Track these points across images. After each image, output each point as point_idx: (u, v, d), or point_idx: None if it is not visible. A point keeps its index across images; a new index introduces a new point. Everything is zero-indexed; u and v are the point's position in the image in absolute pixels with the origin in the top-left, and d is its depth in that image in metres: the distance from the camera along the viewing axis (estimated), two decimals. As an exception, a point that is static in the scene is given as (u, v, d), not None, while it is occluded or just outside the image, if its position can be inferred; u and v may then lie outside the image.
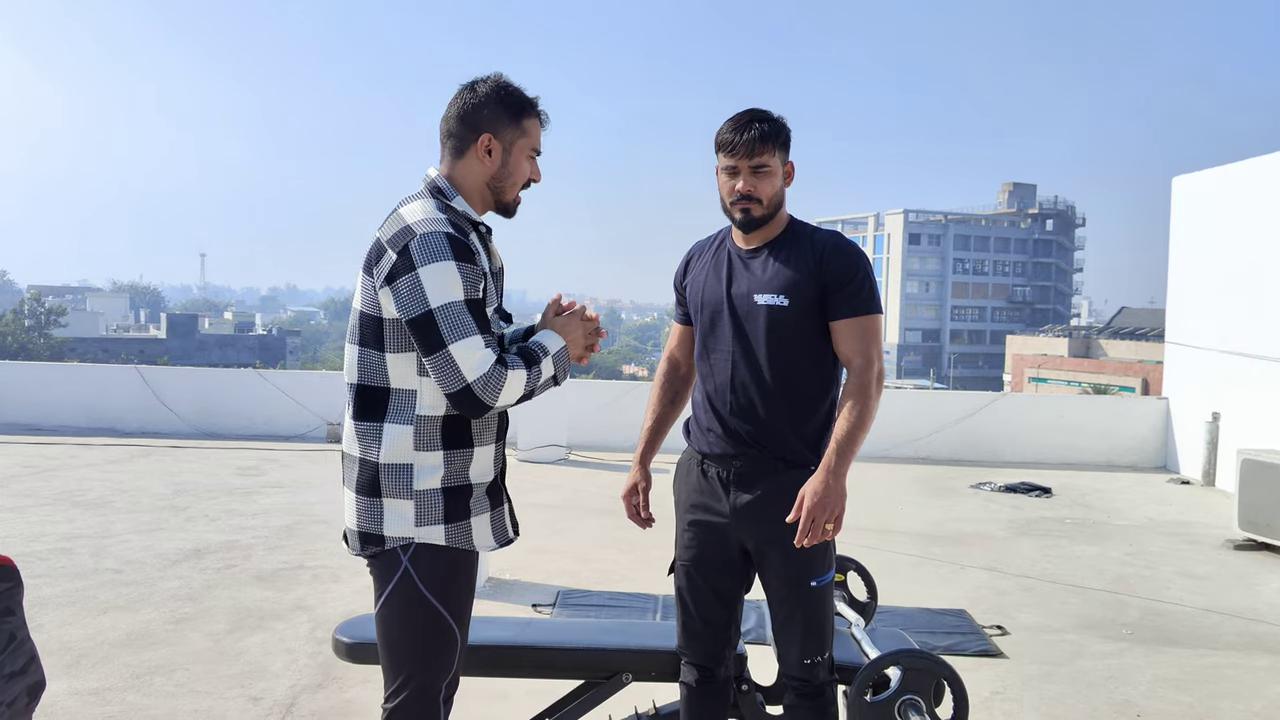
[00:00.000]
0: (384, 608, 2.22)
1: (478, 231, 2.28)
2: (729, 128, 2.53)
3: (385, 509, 2.20)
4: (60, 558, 5.72)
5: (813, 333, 2.54)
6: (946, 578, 5.94)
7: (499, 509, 2.32)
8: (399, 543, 2.19)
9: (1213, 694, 4.17)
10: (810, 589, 2.51)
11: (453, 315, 2.09)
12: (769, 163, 2.51)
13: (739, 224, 2.57)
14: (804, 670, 2.55)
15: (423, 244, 2.11)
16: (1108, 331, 53.39)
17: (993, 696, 4.04)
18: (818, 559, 2.51)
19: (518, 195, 2.34)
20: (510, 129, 2.27)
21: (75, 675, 3.93)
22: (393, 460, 2.19)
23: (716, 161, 2.58)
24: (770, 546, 2.52)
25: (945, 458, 10.88)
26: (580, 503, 7.94)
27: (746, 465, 2.55)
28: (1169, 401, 11.00)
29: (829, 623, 2.57)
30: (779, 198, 2.56)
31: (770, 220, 2.57)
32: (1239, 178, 9.95)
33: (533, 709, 3.03)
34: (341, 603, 4.99)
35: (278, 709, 3.70)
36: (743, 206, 2.52)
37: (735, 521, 2.56)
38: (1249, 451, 7.04)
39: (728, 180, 2.54)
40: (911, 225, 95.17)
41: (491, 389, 2.11)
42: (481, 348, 2.10)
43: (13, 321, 56.91)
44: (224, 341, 74.77)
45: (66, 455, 9.53)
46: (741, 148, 2.49)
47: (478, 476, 2.26)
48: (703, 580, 2.63)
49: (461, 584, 2.26)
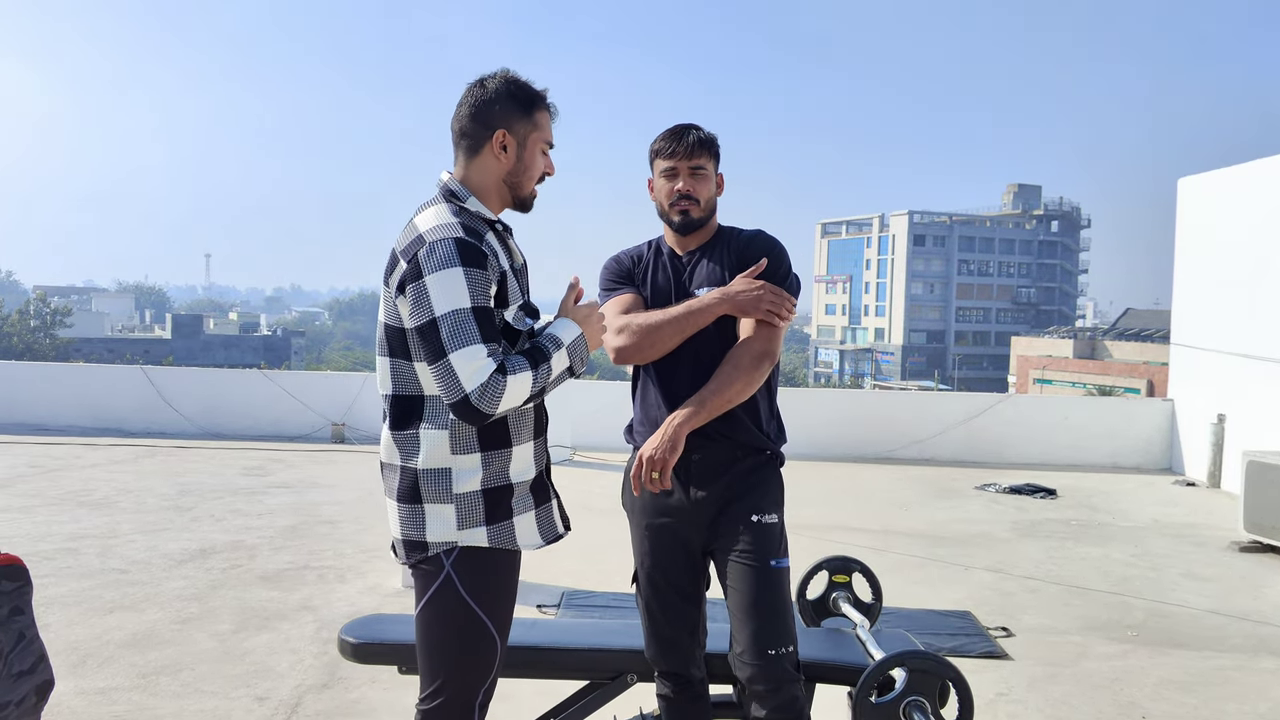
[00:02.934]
0: (425, 610, 2.21)
1: (495, 230, 2.26)
2: (667, 134, 2.66)
3: (427, 514, 2.19)
4: (66, 557, 5.73)
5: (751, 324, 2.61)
6: (951, 579, 5.93)
7: (545, 505, 2.32)
8: (442, 548, 2.18)
9: (1218, 696, 4.16)
10: (770, 568, 2.50)
11: (456, 323, 2.07)
12: (706, 166, 2.63)
13: (677, 226, 2.65)
14: (767, 663, 2.43)
15: (431, 252, 2.10)
16: (1113, 333, 53.32)
17: (998, 698, 4.04)
18: (776, 539, 2.55)
19: (534, 189, 2.33)
20: (523, 123, 2.27)
21: (82, 675, 3.95)
22: (431, 465, 2.18)
23: (651, 174, 2.70)
24: (732, 528, 2.54)
25: (950, 459, 10.87)
26: (585, 504, 7.93)
27: (705, 456, 2.57)
28: (1174, 403, 10.98)
29: (790, 613, 2.54)
30: (713, 203, 2.67)
31: (706, 223, 2.67)
32: (1245, 179, 9.92)
33: (537, 710, 3.04)
34: (347, 603, 5.00)
35: (283, 709, 3.71)
36: (682, 207, 2.61)
37: (692, 516, 2.58)
38: (1255, 453, 7.02)
39: (666, 183, 2.64)
40: (916, 226, 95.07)
41: (489, 398, 2.07)
42: (483, 356, 2.07)
43: (18, 322, 57.00)
44: (229, 342, 74.85)
45: (72, 455, 9.55)
46: (681, 149, 2.62)
47: (518, 475, 2.25)
48: (667, 583, 2.64)
49: (503, 589, 2.24)
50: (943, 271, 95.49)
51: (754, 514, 2.54)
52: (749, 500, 2.56)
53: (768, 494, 2.59)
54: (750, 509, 2.54)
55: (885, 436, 11.01)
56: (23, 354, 50.81)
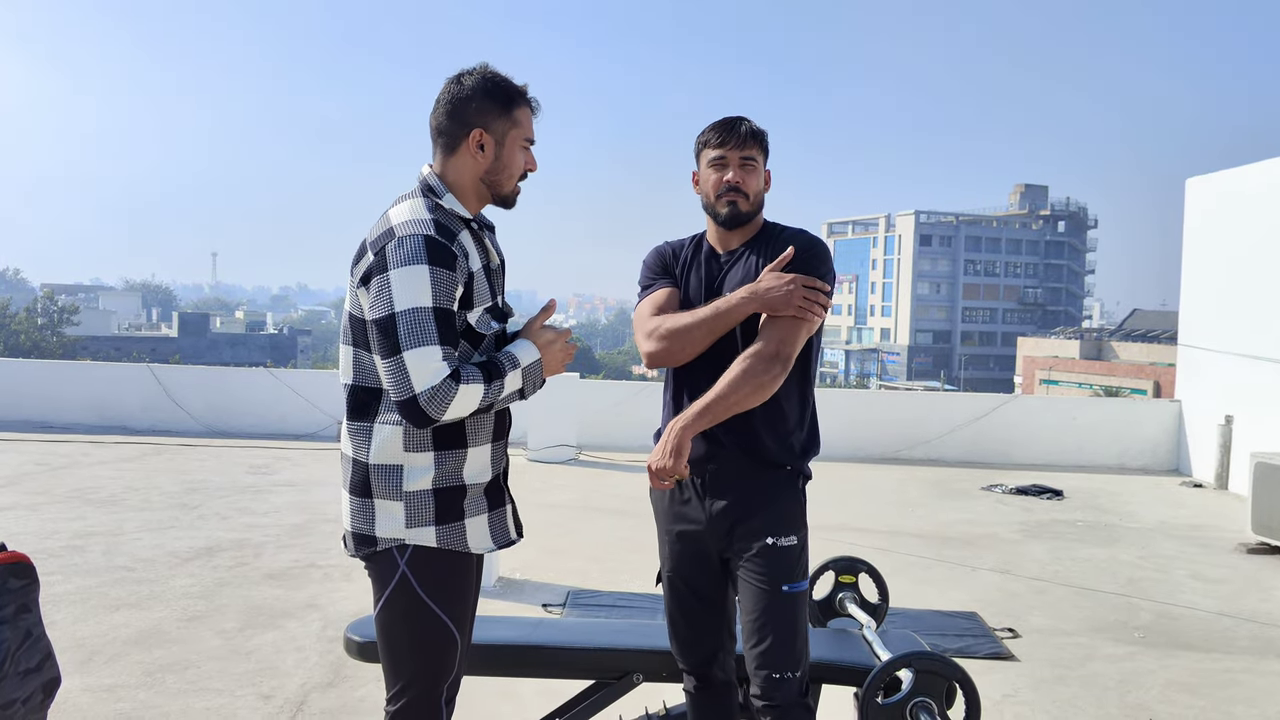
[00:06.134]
0: (383, 611, 2.20)
1: (470, 229, 2.22)
2: (717, 125, 2.57)
3: (377, 510, 2.17)
4: (73, 555, 5.74)
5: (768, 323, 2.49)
6: (957, 580, 5.92)
7: (499, 510, 2.29)
8: (391, 544, 2.17)
9: (1226, 699, 4.14)
10: (782, 593, 2.42)
11: (414, 321, 2.04)
12: (756, 159, 2.54)
13: (723, 219, 2.55)
14: (771, 685, 2.39)
15: (399, 246, 2.07)
16: (1119, 334, 53.17)
17: (1004, 699, 4.03)
18: (791, 563, 2.45)
19: (516, 186, 2.28)
20: (501, 121, 2.20)
21: (88, 672, 3.95)
22: (382, 461, 2.16)
23: (697, 165, 2.60)
24: (745, 548, 2.46)
25: (956, 460, 10.85)
26: (590, 503, 7.94)
27: (722, 468, 2.49)
28: (1181, 404, 10.95)
29: (801, 638, 2.45)
30: (761, 199, 2.58)
31: (752, 219, 2.58)
32: (1253, 179, 9.89)
33: (543, 709, 3.04)
34: (352, 601, 5.01)
35: (289, 707, 3.71)
36: (729, 199, 2.52)
37: (710, 528, 2.51)
38: (1263, 454, 7.00)
39: (714, 174, 2.54)
40: (923, 226, 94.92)
41: (438, 403, 2.04)
42: (438, 359, 2.04)
43: (26, 320, 57.20)
44: (235, 340, 75.01)
45: (79, 453, 9.58)
46: (732, 139, 2.52)
47: (473, 477, 2.22)
48: (688, 589, 2.60)
49: (459, 586, 2.23)
50: (949, 272, 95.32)
51: (770, 536, 2.44)
52: (765, 519, 2.46)
53: (786, 514, 2.48)
54: (766, 530, 2.44)
55: (891, 437, 10.99)
56: (30, 352, 50.98)
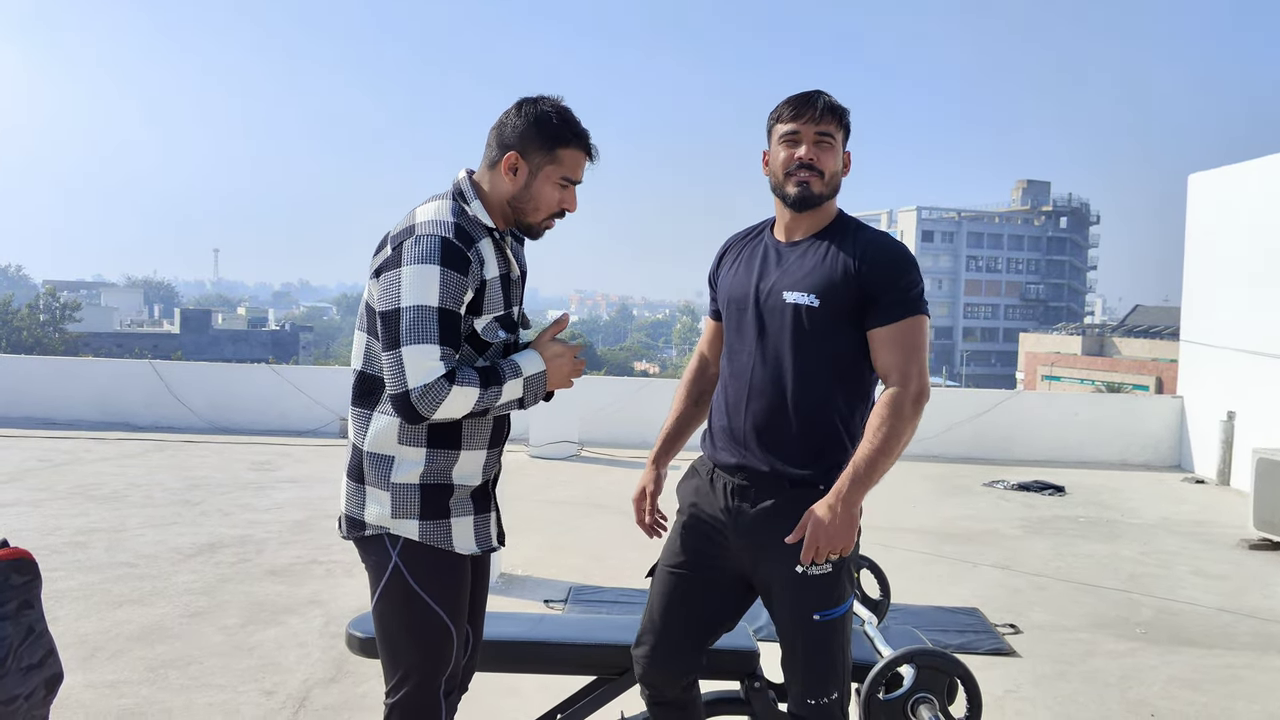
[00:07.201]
0: (379, 602, 2.24)
1: (492, 238, 2.23)
2: (792, 98, 2.33)
3: (367, 496, 2.23)
4: (75, 551, 5.75)
5: (845, 341, 2.29)
6: (959, 576, 5.92)
7: (484, 515, 2.31)
8: (377, 530, 2.21)
9: (1228, 695, 4.14)
10: (813, 623, 2.26)
11: (418, 318, 2.07)
12: (834, 136, 2.31)
13: (792, 200, 2.30)
14: (807, 711, 2.29)
15: (416, 244, 2.11)
16: (1122, 329, 53.12)
17: (1005, 695, 4.03)
18: (824, 590, 2.26)
19: (546, 221, 2.27)
20: (540, 154, 2.21)
21: (91, 668, 3.96)
22: (376, 449, 2.21)
23: (768, 143, 2.38)
24: (773, 575, 2.30)
25: (958, 455, 10.84)
26: (592, 500, 7.95)
27: (753, 478, 2.32)
28: (1184, 400, 10.94)
29: (839, 662, 2.30)
30: (837, 181, 2.34)
31: (823, 205, 2.33)
32: (1256, 175, 9.88)
33: (544, 705, 3.04)
34: (355, 597, 5.01)
35: (291, 703, 3.71)
36: (801, 178, 2.28)
37: (737, 542, 2.35)
38: (1265, 450, 7.00)
39: (785, 151, 2.30)
40: (925, 222, 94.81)
41: (429, 401, 2.06)
42: (435, 358, 2.06)
43: (28, 316, 57.22)
44: (237, 337, 75.05)
45: (81, 449, 9.59)
46: (808, 112, 2.29)
47: (462, 479, 2.25)
48: (686, 587, 2.42)
49: (452, 580, 2.25)
50: (951, 268, 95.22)
51: (799, 564, 2.23)
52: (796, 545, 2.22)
53: None
54: (796, 558, 2.23)
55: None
56: (32, 348, 51.01)
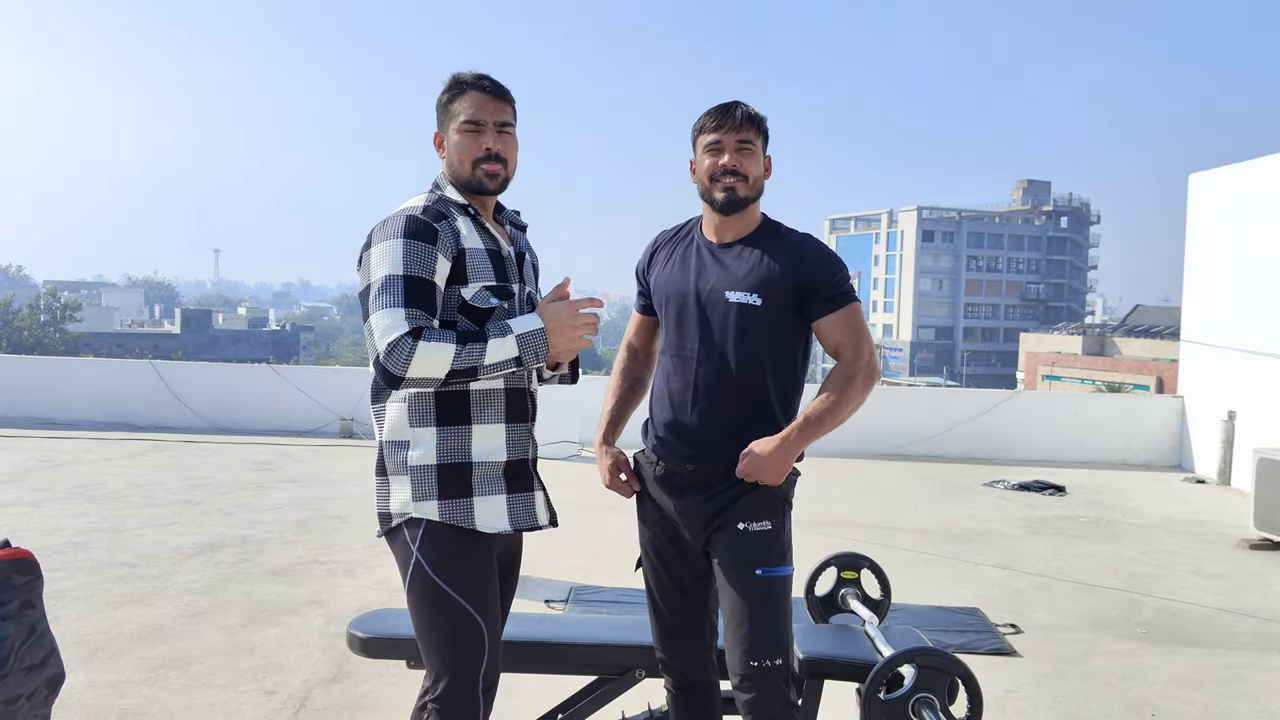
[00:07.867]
0: (408, 599, 2.26)
1: (468, 214, 2.31)
2: (713, 110, 2.50)
3: (391, 485, 2.25)
4: (76, 551, 5.75)
5: (784, 336, 2.46)
6: (960, 576, 5.92)
7: (524, 494, 2.31)
8: (402, 519, 2.23)
9: (1228, 694, 4.14)
10: (755, 577, 2.36)
11: (385, 286, 2.15)
12: (754, 143, 2.47)
13: (720, 205, 2.46)
14: (749, 673, 2.31)
15: (383, 226, 2.22)
16: (1122, 329, 53.15)
17: (1006, 695, 4.03)
18: (765, 546, 2.39)
19: (476, 171, 2.29)
20: (444, 117, 2.35)
21: (92, 668, 3.96)
22: (392, 437, 2.25)
23: (694, 153, 2.54)
24: (719, 539, 2.43)
25: (958, 456, 10.85)
26: (592, 499, 7.92)
27: (700, 469, 2.46)
28: (1184, 400, 10.94)
29: (782, 627, 2.36)
30: (760, 185, 2.50)
31: (749, 207, 2.49)
32: (1256, 175, 9.88)
33: (545, 705, 3.04)
34: (355, 597, 5.01)
35: (292, 703, 3.72)
36: (726, 184, 2.43)
37: (691, 525, 2.48)
38: (1265, 450, 7.00)
39: (710, 158, 2.47)
40: (925, 222, 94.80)
41: (396, 358, 2.08)
42: (400, 319, 2.10)
43: (29, 316, 57.25)
44: (237, 337, 75.07)
45: (82, 449, 9.59)
46: (728, 123, 2.45)
47: (482, 455, 2.25)
48: (667, 574, 2.56)
49: (473, 567, 2.22)
50: (951, 268, 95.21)
51: (741, 522, 2.40)
52: (740, 507, 2.41)
53: (762, 502, 2.42)
54: (739, 517, 2.40)
55: (894, 433, 10.99)
56: (33, 348, 51.04)
